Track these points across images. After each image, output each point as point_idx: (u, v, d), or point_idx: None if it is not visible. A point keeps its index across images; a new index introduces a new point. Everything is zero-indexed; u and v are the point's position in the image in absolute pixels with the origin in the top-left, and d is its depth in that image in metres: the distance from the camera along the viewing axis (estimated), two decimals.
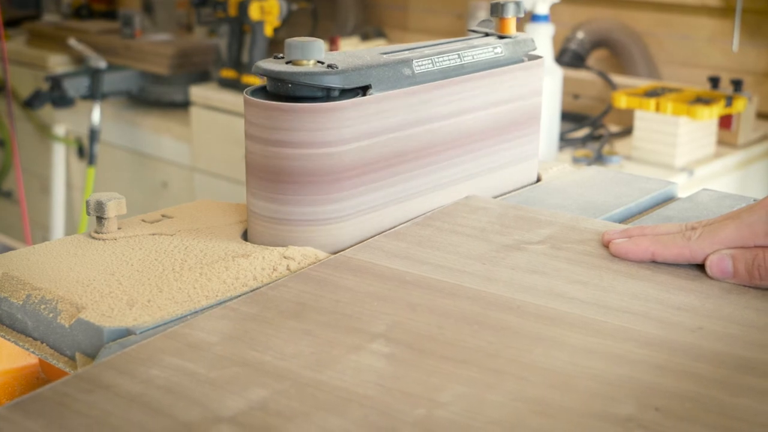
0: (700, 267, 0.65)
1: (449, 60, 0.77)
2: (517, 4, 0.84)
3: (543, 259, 0.67)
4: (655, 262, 0.66)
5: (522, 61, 0.84)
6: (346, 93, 0.70)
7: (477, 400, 0.48)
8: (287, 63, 0.69)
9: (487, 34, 0.85)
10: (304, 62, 0.68)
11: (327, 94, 0.69)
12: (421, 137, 0.75)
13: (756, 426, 0.46)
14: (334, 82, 0.68)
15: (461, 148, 0.79)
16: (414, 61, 0.74)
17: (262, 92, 0.71)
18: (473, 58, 0.79)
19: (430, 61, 0.75)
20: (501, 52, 0.82)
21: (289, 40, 0.68)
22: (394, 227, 0.74)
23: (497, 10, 0.84)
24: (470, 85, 0.78)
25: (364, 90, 0.71)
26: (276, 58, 0.70)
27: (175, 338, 0.55)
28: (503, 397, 0.49)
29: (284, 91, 0.69)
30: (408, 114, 0.73)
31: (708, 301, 0.60)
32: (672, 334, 0.56)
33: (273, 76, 0.68)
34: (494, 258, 0.67)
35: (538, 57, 0.86)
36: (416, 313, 0.58)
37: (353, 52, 0.73)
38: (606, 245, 0.69)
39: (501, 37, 0.84)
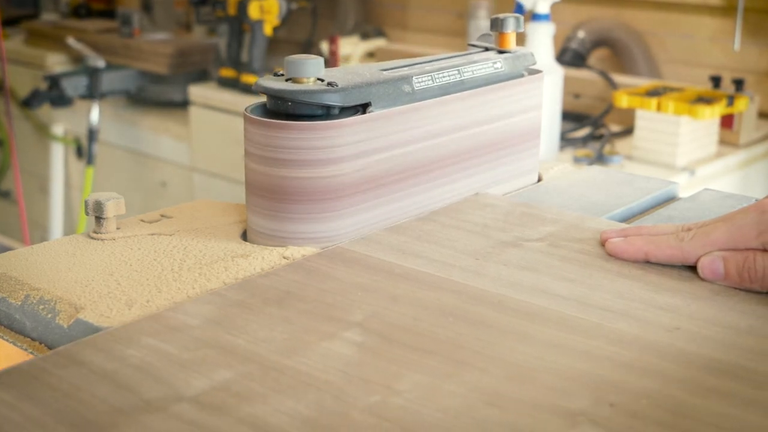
0: (693, 268, 0.65)
1: (449, 76, 0.77)
2: (517, 19, 0.84)
3: (537, 256, 0.67)
4: (649, 263, 0.66)
5: (522, 75, 0.84)
6: (346, 110, 0.70)
7: (432, 389, 0.49)
8: (287, 80, 0.68)
9: (486, 49, 0.85)
10: (304, 80, 0.68)
11: (327, 112, 0.69)
12: (421, 154, 0.75)
13: (704, 425, 0.46)
14: (334, 100, 0.68)
15: (461, 164, 0.79)
16: (414, 78, 0.74)
17: (262, 109, 0.71)
18: (473, 74, 0.79)
19: (429, 78, 0.75)
20: (501, 67, 0.82)
21: (289, 58, 0.68)
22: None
23: (497, 25, 0.84)
24: (470, 101, 0.78)
25: (364, 107, 0.70)
26: (276, 75, 0.70)
27: (158, 320, 0.57)
28: (459, 387, 0.50)
29: (284, 109, 0.68)
30: (408, 131, 0.73)
31: (694, 303, 0.60)
32: (647, 333, 0.56)
33: (273, 94, 0.68)
34: (489, 254, 0.68)
35: (537, 71, 0.86)
36: (396, 304, 0.59)
37: (353, 69, 0.73)
38: (603, 244, 0.69)
39: (501, 52, 0.83)
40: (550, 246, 0.69)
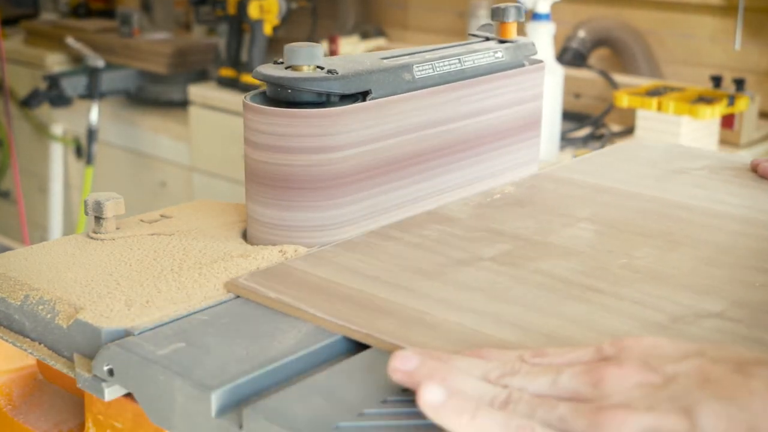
0: None
1: (450, 65, 0.76)
2: (518, 9, 0.83)
3: (703, 180, 0.85)
4: None
5: (523, 65, 0.84)
6: (346, 98, 0.69)
7: (662, 257, 0.67)
8: (287, 68, 0.68)
9: (487, 39, 0.84)
10: (304, 67, 0.68)
11: (327, 100, 0.68)
12: (421, 142, 0.75)
13: None
14: (334, 87, 0.67)
15: (462, 153, 0.79)
16: (414, 66, 0.74)
17: (261, 97, 0.70)
18: (474, 63, 0.79)
19: (430, 66, 0.75)
20: (502, 57, 0.81)
21: (288, 46, 0.67)
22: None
23: (498, 14, 0.83)
24: (471, 90, 0.78)
25: (364, 95, 0.70)
26: (276, 63, 0.69)
27: (434, 214, 0.75)
28: (681, 256, 0.67)
29: (284, 96, 0.68)
30: (408, 119, 0.73)
31: None
32: None
33: (273, 82, 0.68)
34: (663, 177, 0.86)
35: (539, 61, 0.85)
36: (608, 208, 0.77)
37: (353, 57, 0.73)
38: (754, 169, 0.86)
39: (502, 42, 0.83)
40: (710, 173, 0.87)
